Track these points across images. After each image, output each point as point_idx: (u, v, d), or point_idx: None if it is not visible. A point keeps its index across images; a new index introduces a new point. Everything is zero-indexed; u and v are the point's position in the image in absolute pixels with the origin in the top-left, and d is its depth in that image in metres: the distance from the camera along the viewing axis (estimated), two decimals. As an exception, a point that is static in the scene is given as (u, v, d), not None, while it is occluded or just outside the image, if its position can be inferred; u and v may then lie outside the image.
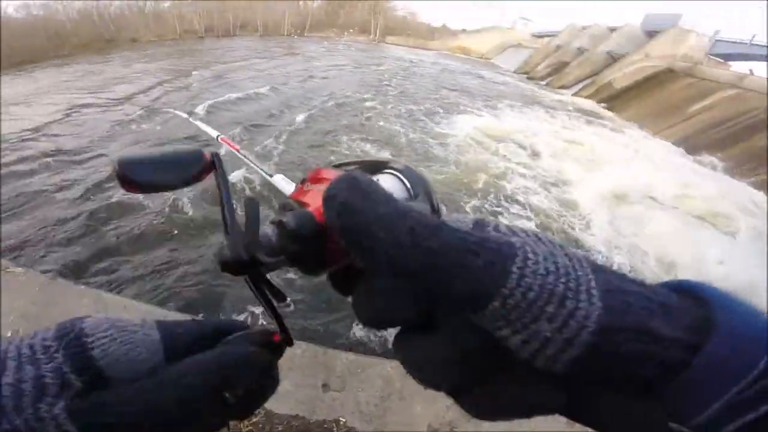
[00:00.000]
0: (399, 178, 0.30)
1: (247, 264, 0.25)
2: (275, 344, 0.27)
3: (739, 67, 20.02)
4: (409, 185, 0.30)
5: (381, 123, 10.30)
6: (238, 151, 0.74)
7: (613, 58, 22.61)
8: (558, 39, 29.13)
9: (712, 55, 21.19)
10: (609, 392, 0.19)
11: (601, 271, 0.19)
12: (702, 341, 0.17)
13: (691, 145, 13.38)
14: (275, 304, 0.27)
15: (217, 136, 0.87)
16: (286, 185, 0.51)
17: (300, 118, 9.71)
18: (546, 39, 33.24)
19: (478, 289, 0.18)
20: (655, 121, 15.81)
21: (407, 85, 16.97)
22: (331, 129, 9.21)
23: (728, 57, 21.40)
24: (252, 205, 0.26)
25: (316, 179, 0.30)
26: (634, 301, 0.18)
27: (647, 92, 18.57)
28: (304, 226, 0.25)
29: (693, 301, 0.19)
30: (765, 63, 19.55)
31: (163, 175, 0.26)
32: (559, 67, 25.55)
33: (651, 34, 23.02)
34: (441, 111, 12.65)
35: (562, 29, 30.29)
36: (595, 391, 0.19)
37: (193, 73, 14.93)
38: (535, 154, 9.37)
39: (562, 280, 0.18)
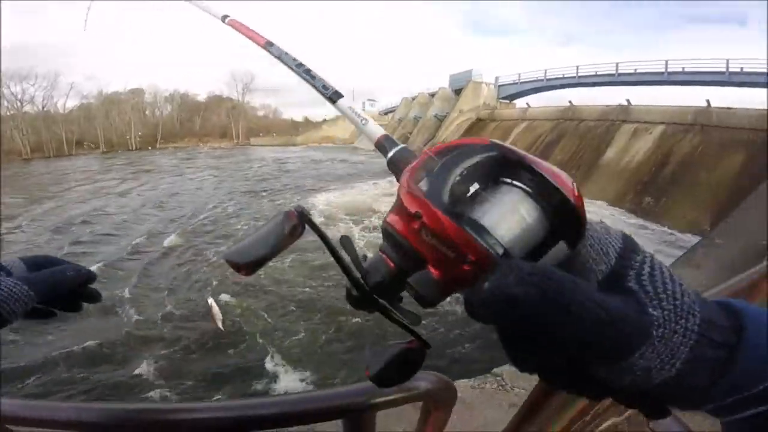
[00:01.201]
0: (528, 193, 0.26)
1: (371, 303, 0.29)
2: (414, 349, 0.30)
3: (520, 103, 26.79)
4: (541, 204, 0.26)
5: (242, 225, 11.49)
6: (263, 46, 0.53)
7: (439, 120, 28.05)
8: (398, 113, 34.46)
9: (501, 98, 27.96)
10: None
11: (703, 342, 0.24)
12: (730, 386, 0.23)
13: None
14: (405, 321, 0.30)
15: (224, 18, 0.60)
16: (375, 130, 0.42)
17: (134, 241, 10.11)
18: (390, 115, 38.87)
19: (601, 360, 0.24)
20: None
21: (275, 183, 18.75)
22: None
23: (511, 97, 28.17)
24: (347, 243, 0.29)
25: (434, 228, 0.26)
26: (697, 367, 0.23)
27: (472, 141, 23.57)
28: (429, 293, 0.26)
29: (734, 341, 0.24)
30: (536, 95, 26.67)
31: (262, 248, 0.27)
32: (406, 138, 29.93)
33: (458, 92, 28.75)
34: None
35: (399, 103, 35.71)
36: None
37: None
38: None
39: (661, 356, 0.23)
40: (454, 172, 0.27)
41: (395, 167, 0.37)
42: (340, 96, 0.45)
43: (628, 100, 16.94)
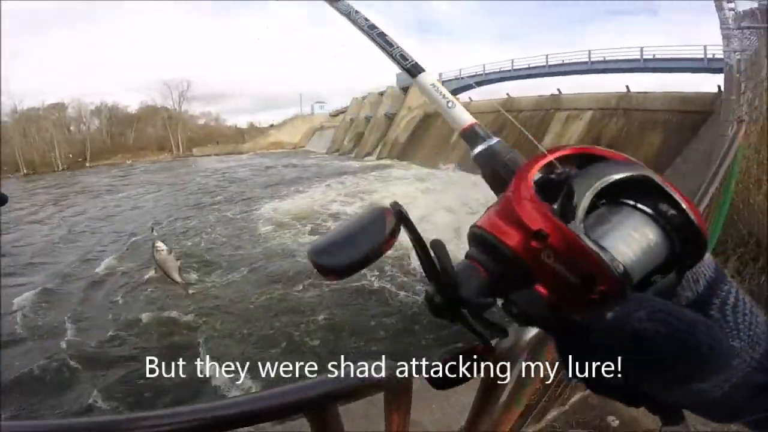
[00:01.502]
0: (654, 219, 0.24)
1: (453, 312, 0.26)
2: (475, 353, 0.30)
3: (462, 97, 27.71)
4: (665, 230, 0.24)
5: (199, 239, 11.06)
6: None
7: (389, 119, 28.26)
8: (349, 113, 33.95)
9: (446, 94, 28.76)
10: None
11: (758, 368, 0.24)
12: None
13: (469, 166, 18.03)
14: (480, 329, 0.28)
15: None
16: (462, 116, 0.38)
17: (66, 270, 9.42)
18: (341, 116, 37.96)
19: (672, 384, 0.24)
20: (438, 157, 20.70)
21: (221, 194, 18.04)
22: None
23: (454, 92, 28.66)
24: (439, 247, 0.26)
25: (565, 254, 0.23)
26: (743, 389, 0.24)
27: (422, 138, 24.14)
28: (536, 314, 0.24)
29: None
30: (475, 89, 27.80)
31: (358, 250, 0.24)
32: (358, 138, 30.31)
33: (405, 90, 28.67)
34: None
35: (349, 104, 35.11)
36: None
37: None
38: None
39: (717, 380, 0.24)
40: (589, 189, 0.24)
41: (488, 162, 0.34)
42: (422, 70, 0.38)
43: (558, 90, 18.21)
